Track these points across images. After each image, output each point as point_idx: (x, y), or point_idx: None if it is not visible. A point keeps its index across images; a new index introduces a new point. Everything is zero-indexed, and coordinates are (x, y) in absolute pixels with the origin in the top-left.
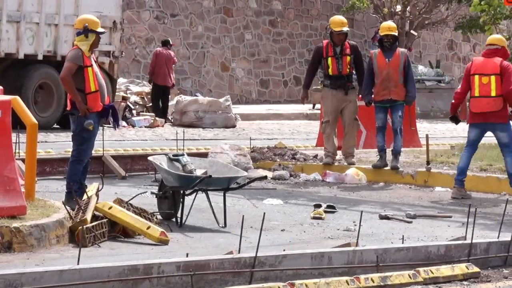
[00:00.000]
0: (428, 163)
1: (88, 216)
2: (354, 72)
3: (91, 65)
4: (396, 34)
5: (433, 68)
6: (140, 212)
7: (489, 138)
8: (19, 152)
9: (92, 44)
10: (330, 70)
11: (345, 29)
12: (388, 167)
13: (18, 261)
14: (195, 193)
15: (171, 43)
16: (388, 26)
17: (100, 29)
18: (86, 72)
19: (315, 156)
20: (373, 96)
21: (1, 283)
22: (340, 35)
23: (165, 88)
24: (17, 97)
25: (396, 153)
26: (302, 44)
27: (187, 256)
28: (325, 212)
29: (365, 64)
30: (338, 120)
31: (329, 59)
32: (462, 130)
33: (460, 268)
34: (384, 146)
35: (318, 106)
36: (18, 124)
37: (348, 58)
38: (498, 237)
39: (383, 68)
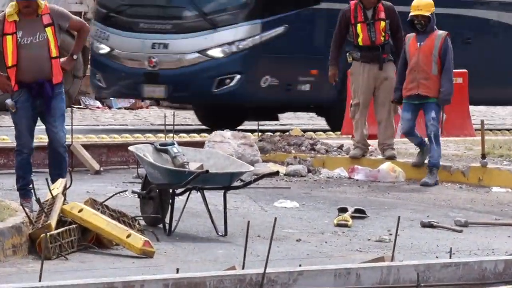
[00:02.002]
0: (483, 156)
1: (53, 221)
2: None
3: (14, 33)
4: (429, 14)
5: None
6: (119, 216)
7: None
8: None
9: (20, 9)
10: (360, 39)
11: None
12: None
13: None
14: (187, 193)
15: None
16: (418, 4)
17: None
18: (4, 42)
19: (340, 147)
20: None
21: None
22: None
23: None
24: None
25: (431, 167)
26: None
27: (177, 272)
28: (352, 217)
29: None
30: (370, 102)
31: (359, 25)
32: None
33: None
34: (421, 140)
35: None
36: None
37: (383, 23)
38: None
39: (413, 55)
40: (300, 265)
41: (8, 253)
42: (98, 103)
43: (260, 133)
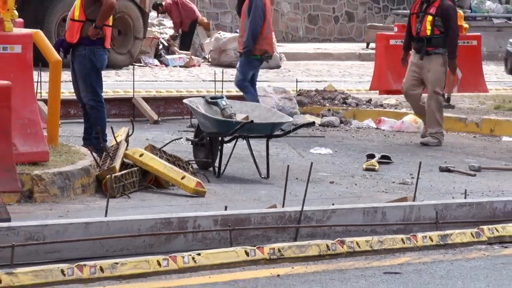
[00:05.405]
0: (448, 99)
1: (117, 163)
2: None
3: None
4: None
5: (502, 4)
6: (174, 160)
7: None
8: (41, 92)
9: None
10: (412, 29)
11: None
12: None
13: (39, 212)
14: (235, 140)
15: None
16: None
17: None
18: None
19: (369, 101)
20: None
21: (21, 236)
22: None
23: None
24: (39, 31)
25: None
26: None
27: (225, 209)
28: (379, 163)
29: None
30: (412, 88)
31: (412, 16)
32: None
33: None
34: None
35: (372, 45)
36: (40, 61)
37: (430, 17)
38: None
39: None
40: (333, 204)
41: (78, 192)
42: (156, 62)
43: (298, 89)
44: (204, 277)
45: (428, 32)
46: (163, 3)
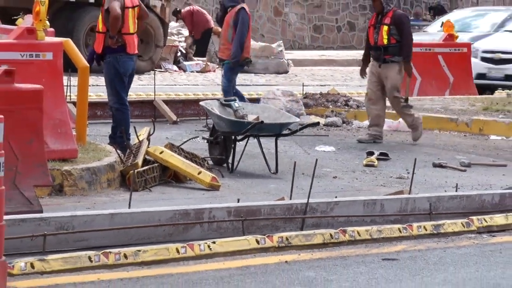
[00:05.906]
0: (406, 100)
1: (140, 160)
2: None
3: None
4: None
5: None
6: (191, 157)
7: None
8: (70, 95)
9: None
10: (370, 40)
11: None
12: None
13: (69, 204)
14: (246, 139)
15: None
16: None
17: None
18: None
19: None
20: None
21: (52, 226)
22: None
23: None
24: (69, 40)
25: None
26: None
27: (238, 201)
28: (378, 159)
29: None
30: (374, 94)
31: (370, 28)
32: None
33: None
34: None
35: None
36: (69, 67)
37: (385, 27)
38: None
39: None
40: (336, 197)
41: (104, 186)
42: (175, 67)
43: (304, 92)
44: (218, 263)
45: (385, 41)
46: (182, 10)
